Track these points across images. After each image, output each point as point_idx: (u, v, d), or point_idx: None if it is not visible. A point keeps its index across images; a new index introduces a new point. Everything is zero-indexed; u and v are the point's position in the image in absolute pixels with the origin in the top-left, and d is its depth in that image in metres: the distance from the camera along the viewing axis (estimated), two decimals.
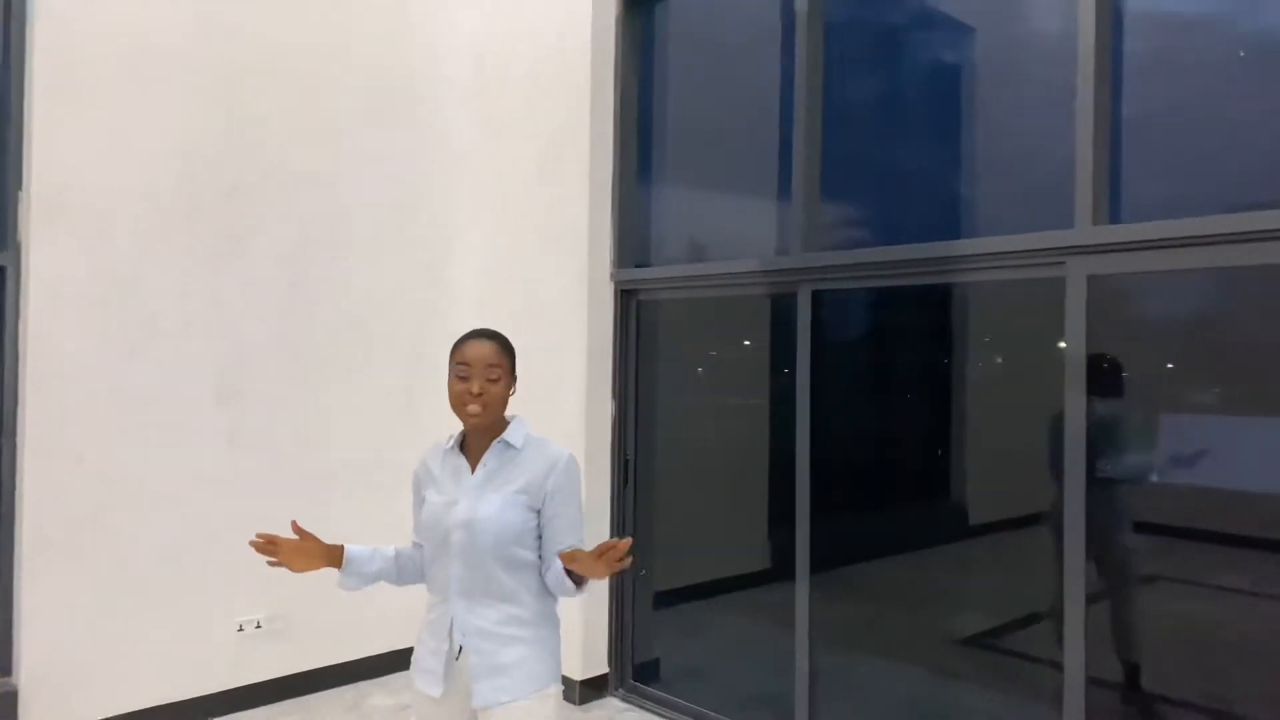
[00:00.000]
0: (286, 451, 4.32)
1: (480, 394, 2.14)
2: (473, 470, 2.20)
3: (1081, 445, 2.92)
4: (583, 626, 4.33)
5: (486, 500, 2.14)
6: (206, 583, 4.05)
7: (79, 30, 3.74)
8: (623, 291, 4.51)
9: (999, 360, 3.66)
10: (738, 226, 4.28)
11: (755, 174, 4.22)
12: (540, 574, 2.19)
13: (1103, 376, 2.96)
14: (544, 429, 2.34)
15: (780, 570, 3.86)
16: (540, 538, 2.18)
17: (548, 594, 2.21)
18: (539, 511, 2.16)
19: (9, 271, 3.68)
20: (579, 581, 2.11)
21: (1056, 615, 2.99)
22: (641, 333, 4.55)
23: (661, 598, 4.56)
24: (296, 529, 2.11)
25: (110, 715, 3.80)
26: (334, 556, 2.17)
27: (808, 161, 3.78)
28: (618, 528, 4.46)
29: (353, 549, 2.21)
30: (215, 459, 4.11)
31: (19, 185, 3.70)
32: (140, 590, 3.88)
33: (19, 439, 3.67)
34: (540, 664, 2.17)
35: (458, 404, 2.17)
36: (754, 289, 4.07)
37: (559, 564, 2.11)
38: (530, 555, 2.16)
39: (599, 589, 4.39)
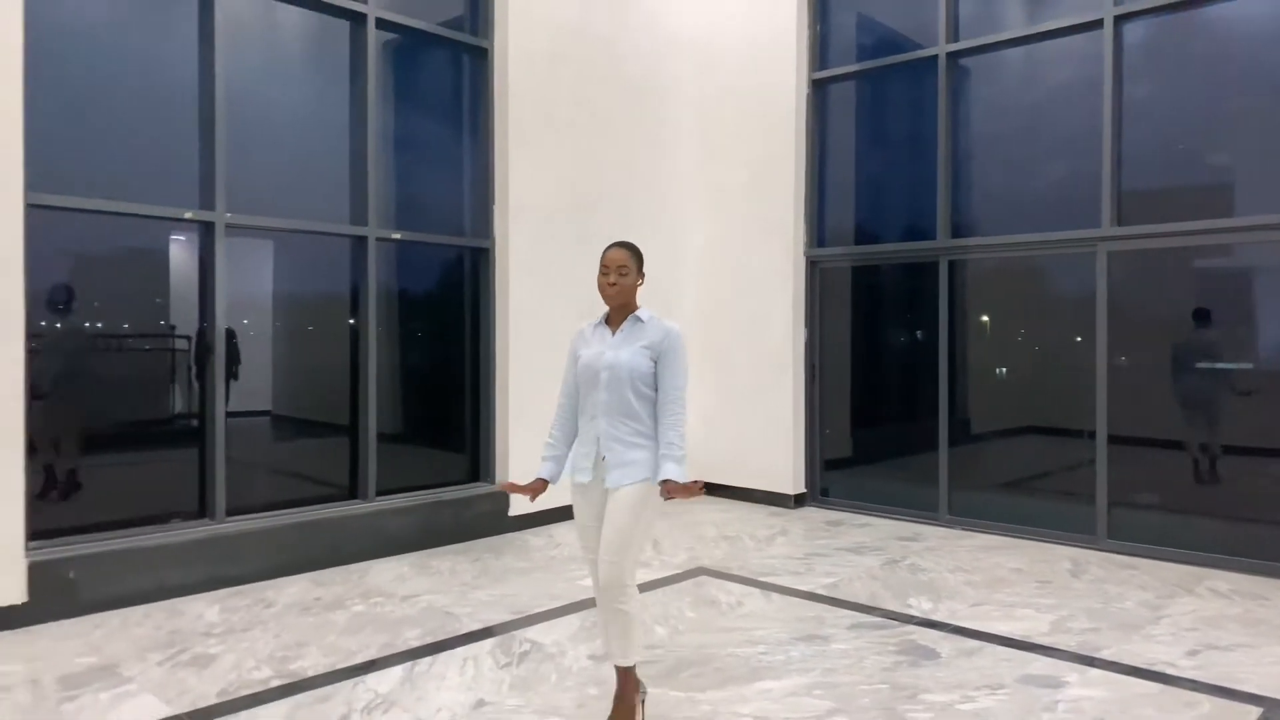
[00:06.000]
0: None
1: (615, 283, 3.05)
2: (613, 334, 3.12)
3: (1105, 363, 5.79)
4: (792, 467, 7.13)
5: (624, 351, 3.05)
6: None
7: (525, 101, 6.28)
8: (810, 261, 7.27)
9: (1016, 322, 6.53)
10: (886, 216, 7.08)
11: (903, 189, 7.03)
12: (654, 406, 3.05)
13: (1203, 315, 5.72)
14: (761, 348, 6.08)
15: (891, 450, 6.78)
16: (656, 378, 3.07)
17: (656, 421, 3.07)
18: (656, 362, 3.05)
19: (492, 251, 6.25)
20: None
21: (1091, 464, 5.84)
22: (822, 287, 7.32)
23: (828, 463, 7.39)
24: (522, 488, 3.19)
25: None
26: (545, 481, 3.21)
27: (948, 175, 6.58)
28: (809, 406, 7.24)
29: (552, 470, 3.20)
30: None
31: (492, 199, 6.25)
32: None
33: (513, 349, 6.25)
34: (649, 464, 3.01)
35: (601, 290, 3.09)
36: (905, 259, 6.89)
37: (662, 422, 3.00)
38: (649, 391, 3.05)
39: (798, 446, 7.17)
